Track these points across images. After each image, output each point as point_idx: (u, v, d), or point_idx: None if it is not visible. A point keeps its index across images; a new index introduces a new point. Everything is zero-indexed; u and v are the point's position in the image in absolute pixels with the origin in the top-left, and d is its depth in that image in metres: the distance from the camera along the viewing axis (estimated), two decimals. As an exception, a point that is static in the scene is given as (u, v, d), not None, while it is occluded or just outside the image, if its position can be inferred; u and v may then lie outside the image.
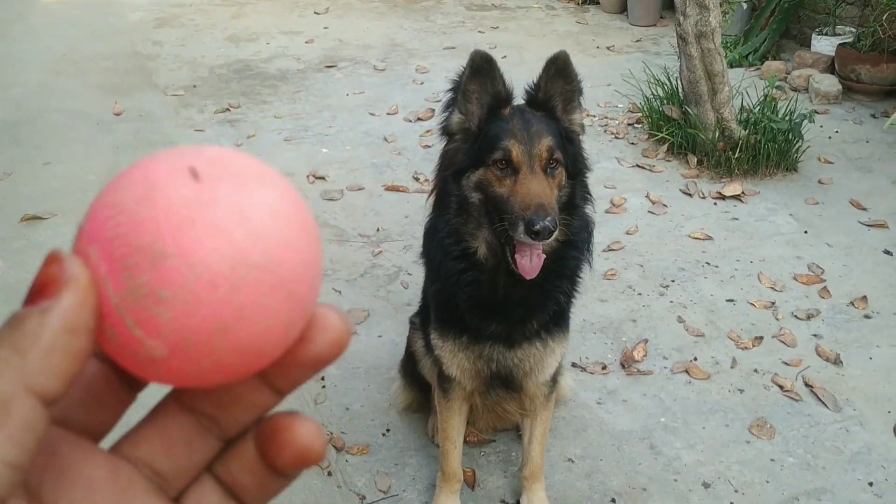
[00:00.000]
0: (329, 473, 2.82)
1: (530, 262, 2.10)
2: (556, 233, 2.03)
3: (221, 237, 0.39)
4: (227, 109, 5.96)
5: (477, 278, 2.23)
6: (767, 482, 2.83)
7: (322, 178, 4.92)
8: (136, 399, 0.46)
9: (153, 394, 0.47)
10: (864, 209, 4.54)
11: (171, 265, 0.38)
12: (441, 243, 2.28)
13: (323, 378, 3.24)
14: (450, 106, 2.27)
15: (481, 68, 2.19)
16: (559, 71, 2.21)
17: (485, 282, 2.24)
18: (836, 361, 3.38)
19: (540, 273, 2.18)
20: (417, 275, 3.77)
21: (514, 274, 2.17)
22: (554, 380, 2.55)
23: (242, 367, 0.41)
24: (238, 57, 7.12)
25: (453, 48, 7.27)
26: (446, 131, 2.28)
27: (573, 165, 2.22)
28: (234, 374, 0.41)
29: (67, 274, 0.38)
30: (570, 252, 2.28)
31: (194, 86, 6.43)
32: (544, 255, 2.12)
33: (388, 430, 3.02)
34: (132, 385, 0.45)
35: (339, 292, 3.80)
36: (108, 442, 0.45)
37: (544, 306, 2.30)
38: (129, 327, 0.39)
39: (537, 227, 1.99)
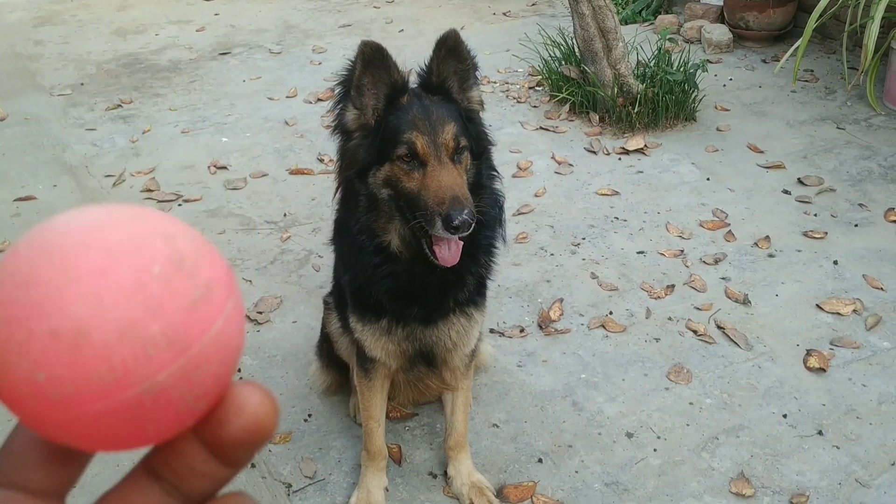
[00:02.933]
0: (252, 465, 2.75)
1: (449, 251, 2.07)
2: (473, 226, 1.99)
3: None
4: (119, 105, 5.75)
5: (394, 270, 2.19)
6: (688, 425, 2.88)
7: (224, 167, 4.79)
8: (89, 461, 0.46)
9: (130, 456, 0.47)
10: (762, 152, 4.66)
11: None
12: (354, 240, 2.21)
13: (240, 370, 3.16)
14: (341, 101, 2.15)
15: (373, 59, 2.06)
16: (450, 51, 2.12)
17: (402, 273, 2.20)
18: (745, 302, 3.46)
19: None
20: (328, 257, 3.71)
21: (431, 263, 2.14)
22: (473, 351, 2.54)
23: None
24: (126, 50, 6.87)
25: (349, 26, 7.16)
26: (342, 129, 2.17)
27: (477, 145, 2.17)
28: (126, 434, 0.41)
29: None
30: (483, 231, 2.25)
31: (82, 84, 6.18)
32: (462, 242, 2.09)
33: (309, 416, 2.97)
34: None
35: (250, 282, 3.71)
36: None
37: (462, 285, 2.28)
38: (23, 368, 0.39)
39: (456, 222, 1.94)
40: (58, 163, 4.93)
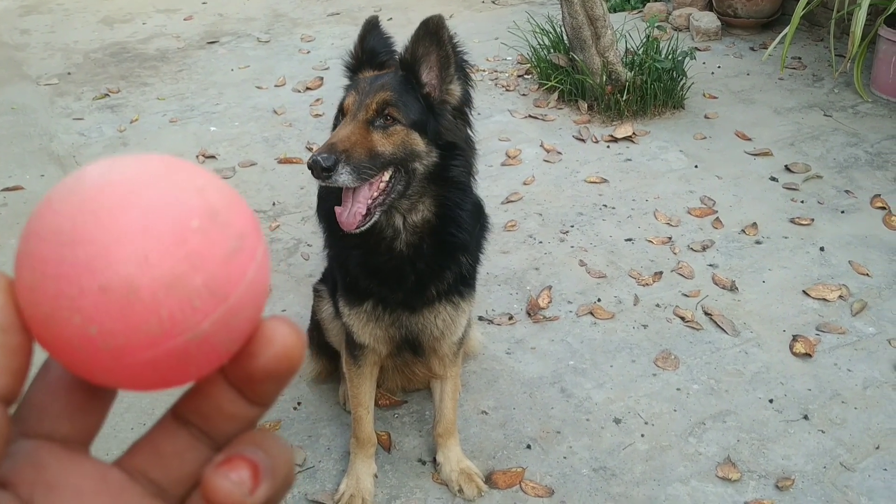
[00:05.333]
0: (242, 454, 2.76)
1: (346, 214, 2.06)
2: (338, 173, 1.97)
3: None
4: (107, 95, 5.72)
5: (360, 243, 2.20)
6: (675, 411, 2.90)
7: (212, 156, 4.78)
8: (116, 396, 0.48)
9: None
10: (749, 139, 4.68)
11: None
12: (327, 204, 2.25)
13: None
14: None
15: (360, 32, 2.29)
16: (429, 33, 2.12)
17: (366, 246, 2.21)
18: (732, 288, 3.49)
19: (416, 249, 2.19)
20: (317, 246, 3.72)
21: (385, 243, 2.18)
22: (461, 339, 2.55)
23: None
24: (114, 39, 6.83)
25: (337, 14, 7.14)
26: None
27: (435, 136, 2.14)
28: (173, 375, 0.43)
29: None
30: (448, 228, 2.21)
31: (69, 73, 6.14)
32: (367, 212, 2.06)
33: (298, 404, 2.98)
34: (104, 391, 0.47)
35: (239, 271, 3.71)
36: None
37: (440, 277, 2.29)
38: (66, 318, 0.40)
39: (309, 161, 1.97)
40: (45, 152, 4.91)
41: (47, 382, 0.45)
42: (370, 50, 2.27)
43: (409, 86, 2.13)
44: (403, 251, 2.20)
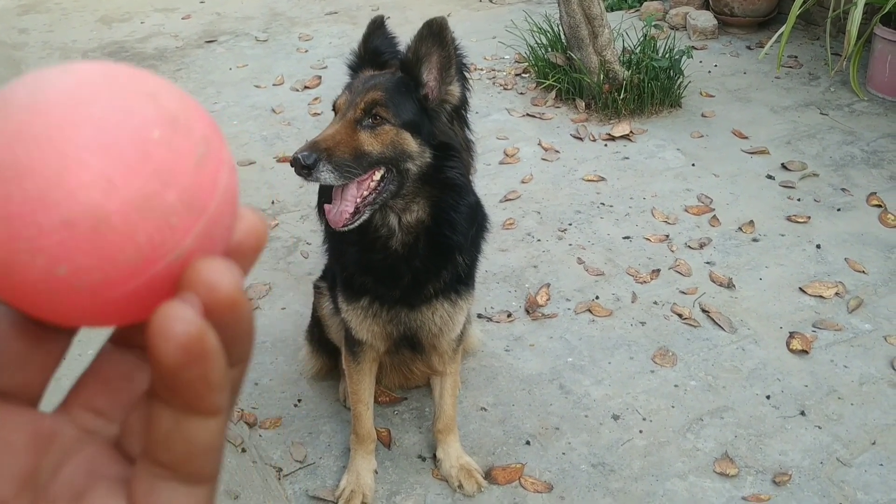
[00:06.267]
0: (243, 450, 2.78)
1: (334, 212, 2.08)
2: (318, 171, 2.00)
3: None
4: (105, 94, 5.72)
5: (356, 240, 2.22)
6: (673, 407, 2.93)
7: (211, 155, 4.78)
8: (67, 349, 0.43)
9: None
10: (746, 138, 4.70)
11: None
12: (324, 202, 2.27)
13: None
14: None
15: (364, 32, 2.31)
16: (433, 34, 2.14)
17: (362, 244, 2.23)
18: (729, 285, 3.51)
19: (410, 249, 2.21)
20: (316, 244, 3.73)
21: (380, 241, 2.20)
22: (460, 336, 2.57)
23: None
24: (112, 39, 6.83)
25: (335, 13, 7.14)
26: None
27: (430, 136, 2.15)
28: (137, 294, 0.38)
29: None
30: (442, 230, 2.22)
31: (67, 72, 6.14)
32: (355, 210, 2.07)
33: (299, 401, 3.00)
34: (59, 333, 0.41)
35: (239, 269, 3.72)
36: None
37: (436, 276, 2.30)
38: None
39: (291, 157, 2.00)
40: (44, 151, 4.91)
41: None
42: (374, 50, 2.28)
43: (405, 86, 2.14)
44: (399, 250, 2.22)
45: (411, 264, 2.24)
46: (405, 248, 2.22)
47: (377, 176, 2.09)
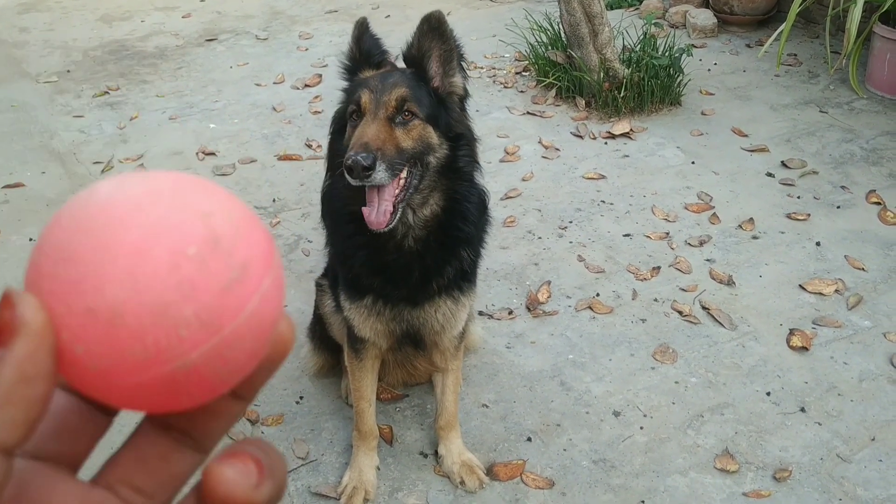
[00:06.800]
0: (245, 447, 2.79)
1: (375, 214, 2.07)
2: (377, 171, 1.99)
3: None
4: (106, 92, 5.73)
5: (366, 242, 2.23)
6: (673, 404, 2.94)
7: (212, 153, 4.80)
8: (112, 424, 0.46)
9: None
10: (746, 135, 4.71)
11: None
12: (333, 206, 2.29)
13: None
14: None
15: (353, 31, 2.30)
16: (433, 29, 2.19)
17: (373, 246, 2.23)
18: (729, 282, 3.52)
19: (424, 244, 2.22)
20: (317, 242, 3.75)
21: (394, 241, 2.20)
22: (462, 333, 2.58)
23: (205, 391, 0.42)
24: (112, 37, 6.84)
25: (335, 11, 7.16)
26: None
27: (447, 128, 2.19)
28: (200, 395, 0.42)
29: (20, 318, 0.38)
30: (455, 222, 2.25)
31: (68, 71, 6.16)
32: (394, 209, 2.08)
33: (301, 398, 3.01)
34: (105, 411, 0.45)
35: (240, 267, 3.73)
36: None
37: (441, 273, 2.31)
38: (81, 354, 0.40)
39: (349, 161, 1.97)
40: (46, 150, 4.93)
41: None
42: (366, 51, 2.30)
43: (420, 81, 2.18)
44: (412, 246, 2.23)
45: (424, 261, 2.25)
46: (418, 244, 2.24)
47: (404, 172, 2.11)
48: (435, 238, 2.24)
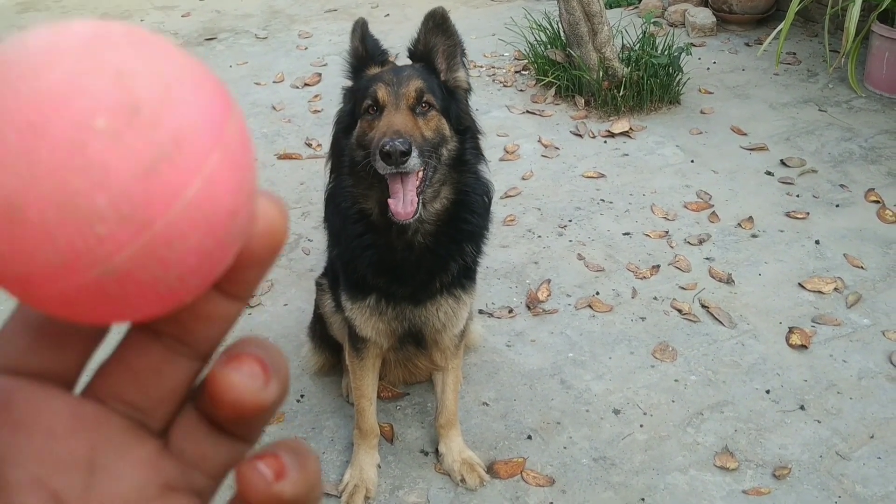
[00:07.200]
0: (246, 446, 2.80)
1: (401, 203, 2.08)
2: (413, 158, 2.01)
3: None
4: (106, 92, 5.73)
5: (374, 242, 2.24)
6: (673, 402, 2.95)
7: (212, 152, 4.80)
8: (105, 336, 0.41)
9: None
10: (745, 134, 4.72)
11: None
12: (338, 207, 2.29)
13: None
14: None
15: (353, 31, 2.31)
16: (437, 25, 2.25)
17: (381, 245, 2.24)
18: (729, 281, 3.53)
19: (433, 238, 2.23)
20: (318, 240, 3.76)
21: (405, 237, 2.21)
22: (462, 331, 2.59)
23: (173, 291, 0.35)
24: (111, 36, 6.83)
25: (335, 10, 7.16)
26: (343, 97, 2.34)
27: (457, 121, 2.23)
28: (166, 298, 0.35)
29: None
30: (464, 214, 2.28)
31: (67, 70, 6.15)
32: (418, 200, 2.10)
33: (302, 396, 3.01)
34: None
35: (241, 266, 3.74)
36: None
37: (445, 269, 2.32)
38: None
39: (387, 147, 1.97)
40: (45, 149, 4.92)
41: (18, 316, 0.39)
42: (372, 49, 2.31)
43: (432, 74, 2.22)
44: (421, 242, 2.24)
45: (431, 257, 2.27)
46: (428, 239, 2.25)
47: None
48: (443, 232, 2.25)
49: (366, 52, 2.29)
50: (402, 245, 2.23)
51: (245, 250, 0.37)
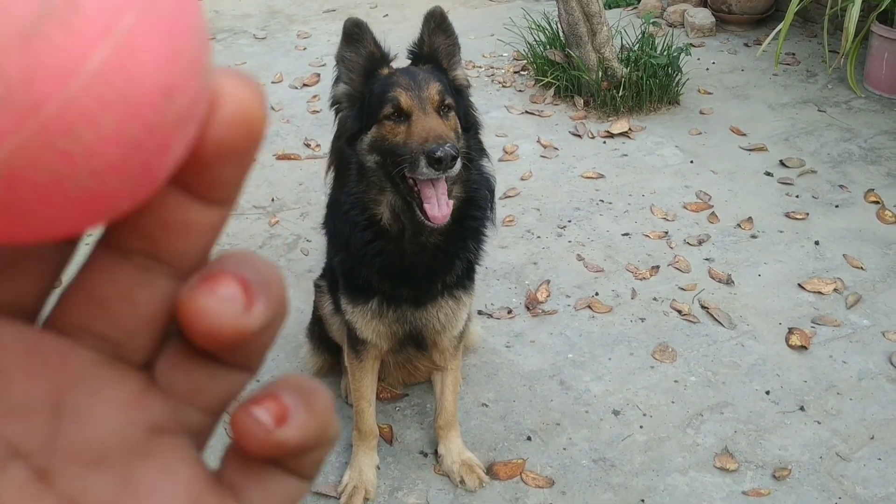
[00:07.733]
0: (245, 447, 2.79)
1: (438, 207, 2.09)
2: (458, 162, 2.02)
3: None
4: (104, 92, 5.72)
5: (385, 248, 2.23)
6: (673, 402, 2.94)
7: (210, 153, 4.79)
8: (69, 258, 0.34)
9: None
10: (744, 135, 4.72)
11: None
12: (346, 216, 2.26)
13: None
14: (337, 79, 2.29)
15: (353, 34, 2.23)
16: (438, 25, 2.25)
17: (393, 251, 2.24)
18: (728, 282, 3.52)
19: (442, 236, 2.22)
20: (317, 241, 3.75)
21: (419, 240, 2.21)
22: (461, 332, 2.58)
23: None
24: (110, 37, 6.82)
25: (334, 10, 7.15)
26: (334, 102, 2.30)
27: (464, 119, 2.25)
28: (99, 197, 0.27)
29: None
30: (471, 211, 2.30)
31: (66, 70, 6.14)
32: (452, 202, 2.12)
33: (301, 398, 3.00)
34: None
35: (239, 266, 3.73)
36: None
37: (451, 268, 2.33)
38: None
39: (438, 153, 1.97)
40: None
41: None
42: (384, 50, 2.30)
43: (440, 73, 2.22)
44: (433, 242, 2.24)
45: (439, 256, 2.27)
46: (438, 238, 2.25)
47: None
48: (452, 230, 2.25)
49: (381, 55, 2.26)
50: (414, 248, 2.23)
51: (209, 141, 0.30)
